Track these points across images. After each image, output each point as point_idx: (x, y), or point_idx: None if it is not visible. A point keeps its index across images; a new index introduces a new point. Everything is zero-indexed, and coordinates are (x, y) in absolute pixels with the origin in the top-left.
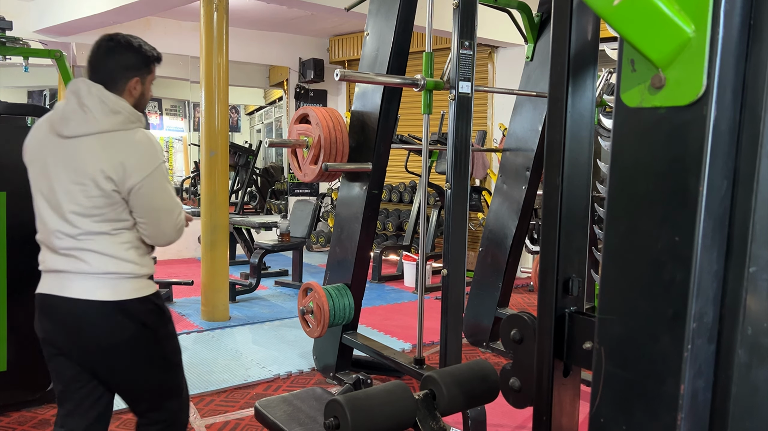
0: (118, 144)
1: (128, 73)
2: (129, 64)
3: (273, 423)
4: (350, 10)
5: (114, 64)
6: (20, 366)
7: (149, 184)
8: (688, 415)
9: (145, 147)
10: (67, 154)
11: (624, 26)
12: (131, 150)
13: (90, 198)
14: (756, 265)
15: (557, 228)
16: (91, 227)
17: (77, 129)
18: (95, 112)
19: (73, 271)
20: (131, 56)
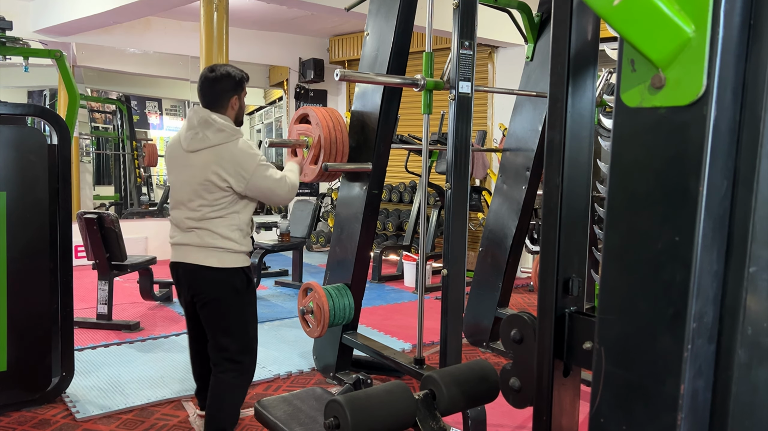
0: (226, 153)
1: (228, 94)
2: (228, 88)
3: (273, 423)
4: (350, 10)
5: (218, 89)
6: (20, 366)
7: (256, 178)
8: (688, 415)
9: (246, 152)
10: (193, 163)
11: (624, 26)
12: (237, 157)
13: (210, 193)
14: (756, 265)
15: (557, 228)
16: (209, 214)
17: (196, 146)
18: (207, 133)
19: (192, 245)
20: (229, 82)
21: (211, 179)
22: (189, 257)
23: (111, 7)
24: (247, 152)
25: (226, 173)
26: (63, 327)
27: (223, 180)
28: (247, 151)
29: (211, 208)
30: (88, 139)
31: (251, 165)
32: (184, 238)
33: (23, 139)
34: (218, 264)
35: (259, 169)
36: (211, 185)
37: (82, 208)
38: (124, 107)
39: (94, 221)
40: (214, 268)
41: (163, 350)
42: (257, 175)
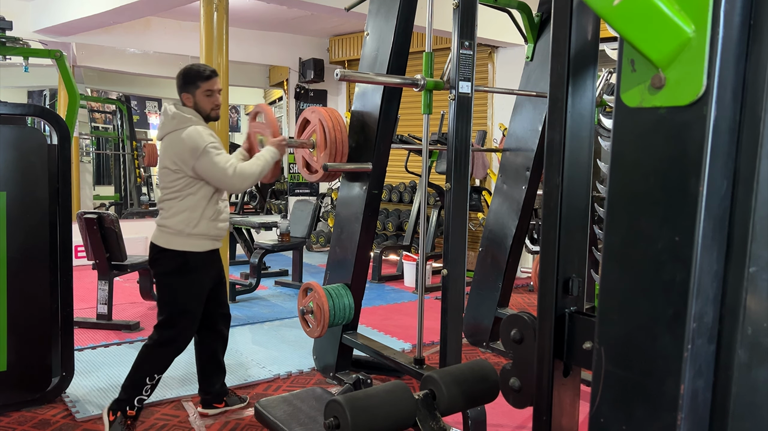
0: (176, 139)
1: (180, 90)
2: (179, 85)
3: (273, 423)
4: (350, 10)
5: (176, 85)
6: (20, 366)
7: (200, 164)
8: (688, 415)
9: (193, 138)
10: (160, 150)
11: (624, 26)
12: (184, 143)
13: (167, 176)
14: (756, 265)
15: (557, 228)
16: (166, 195)
17: (160, 134)
18: (165, 121)
19: (156, 224)
20: (179, 80)
21: (165, 164)
22: (153, 235)
23: (111, 7)
24: (193, 138)
25: (176, 157)
26: (63, 327)
27: (174, 164)
28: (193, 137)
29: (167, 190)
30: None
31: (196, 151)
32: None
33: (23, 139)
34: (163, 244)
35: (204, 155)
36: (167, 169)
37: (82, 208)
38: (124, 107)
39: (94, 221)
40: (159, 247)
41: None
42: (201, 161)
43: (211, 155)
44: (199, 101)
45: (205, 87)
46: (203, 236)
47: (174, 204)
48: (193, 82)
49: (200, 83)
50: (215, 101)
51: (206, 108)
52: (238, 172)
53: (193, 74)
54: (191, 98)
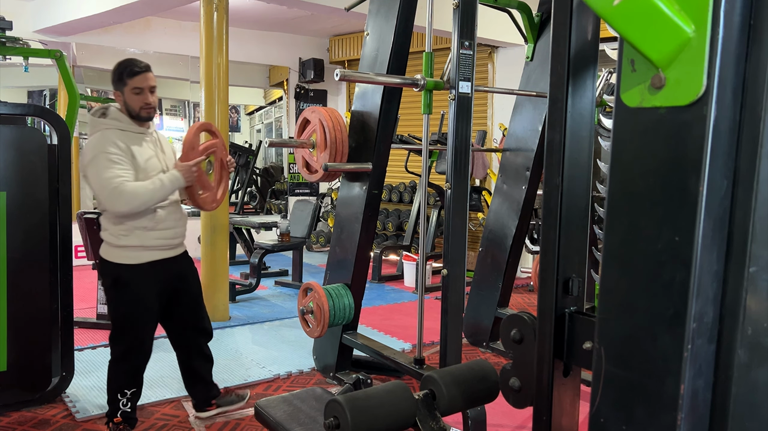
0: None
1: (113, 88)
2: (111, 82)
3: (273, 423)
4: (350, 10)
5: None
6: (20, 366)
7: (88, 174)
8: (688, 415)
9: (89, 145)
10: None
11: (624, 26)
12: (83, 150)
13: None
14: (756, 265)
15: (557, 228)
16: (98, 206)
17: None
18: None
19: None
20: (111, 76)
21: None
22: None
23: (111, 7)
24: (90, 146)
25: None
26: (63, 327)
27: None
28: (91, 144)
29: (95, 200)
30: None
31: (85, 159)
32: None
33: (23, 139)
34: (102, 254)
35: (92, 164)
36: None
37: (82, 208)
38: None
39: (94, 221)
40: (100, 257)
41: (162, 350)
42: (89, 170)
43: (100, 165)
44: (128, 100)
45: (132, 84)
46: (137, 248)
47: (104, 214)
48: (120, 79)
49: (127, 80)
50: (145, 99)
51: (134, 107)
52: (120, 190)
53: (120, 70)
54: (120, 96)
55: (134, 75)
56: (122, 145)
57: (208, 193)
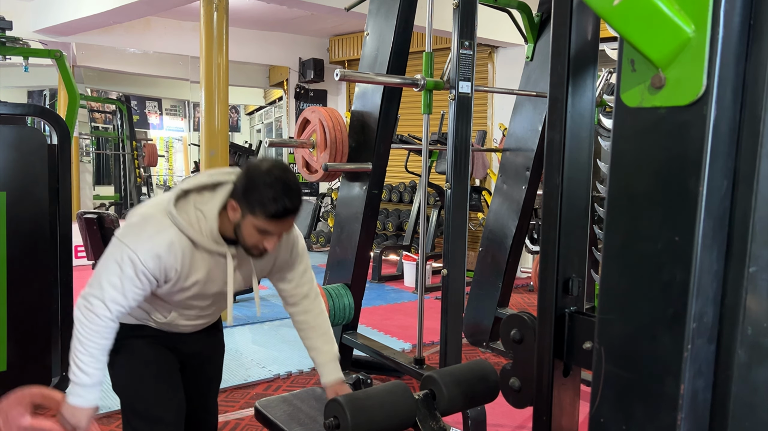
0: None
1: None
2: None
3: (273, 423)
4: (350, 10)
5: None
6: (20, 366)
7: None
8: (688, 415)
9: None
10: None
11: (624, 26)
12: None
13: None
14: (756, 265)
15: (557, 228)
16: None
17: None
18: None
19: None
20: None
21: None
22: None
23: (111, 7)
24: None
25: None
26: (63, 327)
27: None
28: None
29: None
30: (88, 139)
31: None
32: None
33: (23, 139)
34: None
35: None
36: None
37: (82, 208)
38: (124, 107)
39: (94, 221)
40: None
41: None
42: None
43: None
44: (244, 230)
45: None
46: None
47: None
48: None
49: (260, 212)
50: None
51: (247, 242)
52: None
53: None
54: (236, 215)
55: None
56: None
57: None
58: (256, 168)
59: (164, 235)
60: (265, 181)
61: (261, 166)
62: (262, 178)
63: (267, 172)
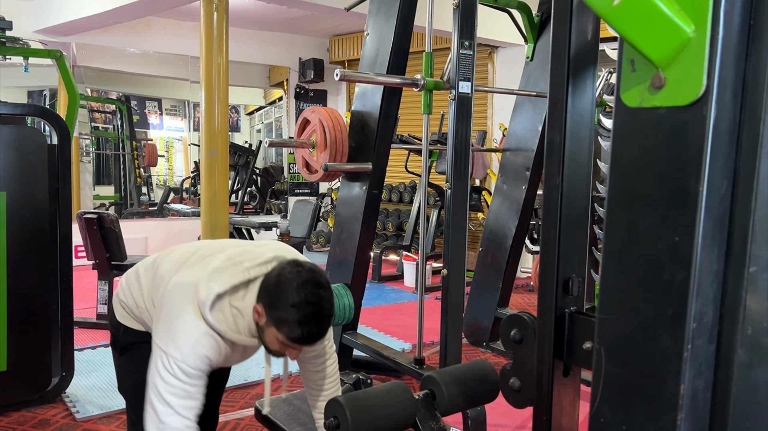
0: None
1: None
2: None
3: (273, 423)
4: (350, 10)
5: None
6: (20, 366)
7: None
8: (688, 415)
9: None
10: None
11: (624, 26)
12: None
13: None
14: (756, 265)
15: (557, 228)
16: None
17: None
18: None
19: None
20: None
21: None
22: None
23: (111, 7)
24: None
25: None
26: (63, 327)
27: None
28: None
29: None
30: (88, 139)
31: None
32: None
33: (23, 139)
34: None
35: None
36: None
37: (82, 208)
38: (124, 107)
39: (94, 221)
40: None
41: None
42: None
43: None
44: (268, 339)
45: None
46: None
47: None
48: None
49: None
50: (289, 353)
51: (272, 347)
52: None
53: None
54: (263, 322)
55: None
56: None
57: None
58: (288, 281)
59: (206, 340)
60: (294, 301)
61: (293, 278)
62: (292, 295)
63: (298, 288)
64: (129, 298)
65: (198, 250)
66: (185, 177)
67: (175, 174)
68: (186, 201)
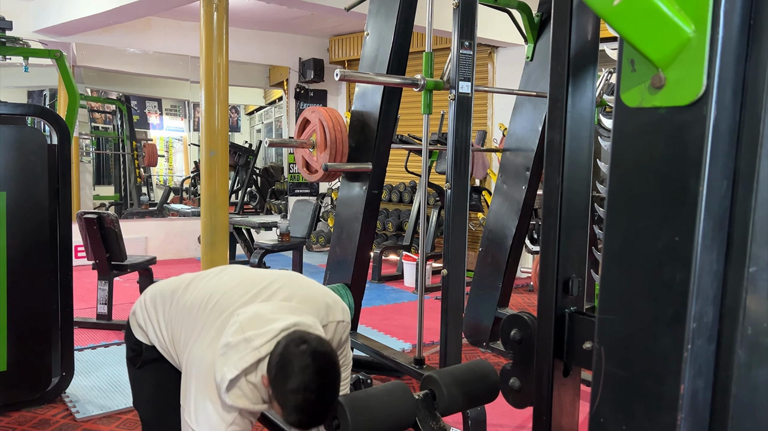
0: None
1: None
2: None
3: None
4: (350, 10)
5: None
6: (20, 366)
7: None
8: (688, 415)
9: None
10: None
11: (624, 26)
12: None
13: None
14: (756, 265)
15: (557, 228)
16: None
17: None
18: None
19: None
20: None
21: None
22: None
23: (111, 7)
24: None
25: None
26: (63, 327)
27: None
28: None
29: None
30: (88, 139)
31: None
32: None
33: (23, 139)
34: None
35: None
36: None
37: (82, 208)
38: (124, 107)
39: (94, 221)
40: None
41: None
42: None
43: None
44: (274, 406)
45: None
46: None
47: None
48: (275, 393)
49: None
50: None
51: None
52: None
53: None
54: (269, 390)
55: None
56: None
57: None
58: (290, 361)
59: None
60: (292, 386)
61: (295, 361)
62: (293, 380)
63: (299, 372)
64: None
65: (210, 296)
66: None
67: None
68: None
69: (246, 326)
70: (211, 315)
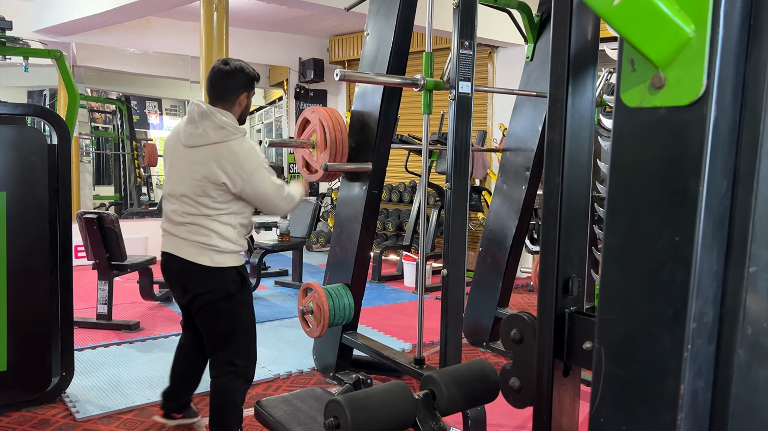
0: (226, 152)
1: (239, 90)
2: (240, 83)
3: (273, 423)
4: (350, 10)
5: (230, 83)
6: (20, 366)
7: (254, 179)
8: (688, 415)
9: (248, 152)
10: (190, 158)
11: (624, 26)
12: (238, 156)
13: (205, 191)
14: (756, 265)
15: (557, 228)
16: (203, 210)
17: (195, 141)
18: (207, 129)
19: (184, 238)
20: (242, 77)
21: (208, 176)
22: (180, 251)
23: (111, 7)
24: (248, 152)
25: (223, 172)
26: (63, 327)
27: (220, 178)
28: (249, 150)
29: (204, 206)
30: (88, 139)
31: (251, 165)
32: (175, 230)
33: (23, 139)
34: (210, 263)
35: (259, 170)
36: (207, 182)
37: (82, 208)
38: (124, 107)
39: (94, 221)
40: (206, 267)
41: (163, 350)
42: (256, 176)
43: (267, 173)
44: (248, 105)
45: (255, 91)
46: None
47: (214, 220)
48: (252, 84)
49: (255, 84)
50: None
51: (247, 114)
52: (288, 196)
53: (253, 75)
54: (246, 99)
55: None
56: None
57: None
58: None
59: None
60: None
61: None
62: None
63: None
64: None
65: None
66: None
67: None
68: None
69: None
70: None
